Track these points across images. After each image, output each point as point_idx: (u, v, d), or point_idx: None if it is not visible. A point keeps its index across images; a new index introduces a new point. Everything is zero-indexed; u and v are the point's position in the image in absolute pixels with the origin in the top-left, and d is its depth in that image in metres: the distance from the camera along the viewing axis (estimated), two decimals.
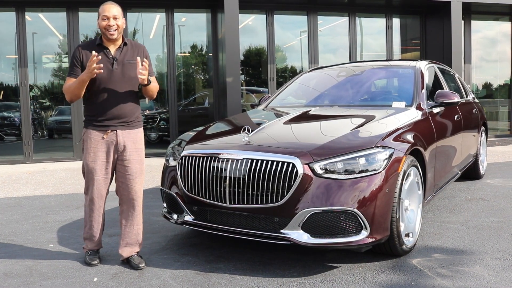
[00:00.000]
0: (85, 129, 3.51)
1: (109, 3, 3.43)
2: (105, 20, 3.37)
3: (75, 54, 3.42)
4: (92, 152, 3.45)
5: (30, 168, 8.98)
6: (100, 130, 3.44)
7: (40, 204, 5.77)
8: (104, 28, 3.38)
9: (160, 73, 11.67)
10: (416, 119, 4.14)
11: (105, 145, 3.46)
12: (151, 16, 11.13)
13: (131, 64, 3.44)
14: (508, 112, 13.25)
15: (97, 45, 3.44)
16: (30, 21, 10.00)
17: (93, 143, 3.45)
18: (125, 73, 3.44)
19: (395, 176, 3.36)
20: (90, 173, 3.48)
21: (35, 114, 11.68)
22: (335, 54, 12.40)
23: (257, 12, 11.38)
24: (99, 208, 3.57)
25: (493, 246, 3.79)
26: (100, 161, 3.47)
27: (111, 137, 3.45)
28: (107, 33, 3.38)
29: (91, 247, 3.65)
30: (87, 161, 3.48)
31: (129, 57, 3.46)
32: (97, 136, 3.44)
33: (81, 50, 3.42)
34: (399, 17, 12.43)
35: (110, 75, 3.39)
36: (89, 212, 3.59)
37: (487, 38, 13.53)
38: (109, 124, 3.43)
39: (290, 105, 5.21)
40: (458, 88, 6.26)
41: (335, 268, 3.40)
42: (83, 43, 3.47)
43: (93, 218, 3.59)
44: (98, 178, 3.48)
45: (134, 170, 3.52)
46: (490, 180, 6.57)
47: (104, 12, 3.38)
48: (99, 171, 3.48)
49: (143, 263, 3.52)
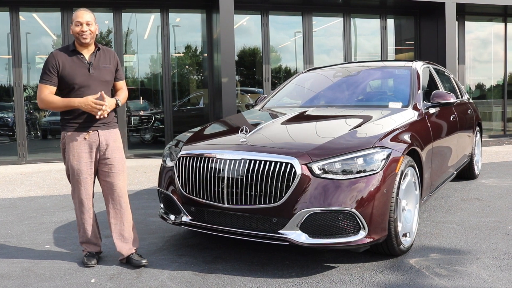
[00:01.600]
0: (64, 132, 3.53)
1: (83, 10, 3.55)
2: (78, 26, 3.48)
3: (50, 61, 3.47)
4: (76, 154, 3.49)
5: (25, 169, 8.94)
6: (81, 131, 3.49)
7: (35, 205, 5.74)
8: (77, 33, 3.48)
9: (155, 74, 11.65)
10: (413, 120, 4.16)
11: (88, 146, 3.51)
12: (146, 16, 11.10)
13: (106, 69, 3.60)
14: (502, 112, 13.33)
15: (71, 50, 3.53)
16: (23, 21, 9.95)
17: (76, 144, 3.49)
18: (101, 77, 3.56)
19: (393, 176, 3.37)
20: (77, 175, 3.51)
21: (29, 114, 11.60)
22: (329, 55, 12.42)
23: (252, 12, 11.38)
24: (89, 210, 3.60)
25: (490, 246, 3.81)
26: (84, 161, 3.50)
27: (93, 137, 3.51)
28: (80, 37, 3.49)
29: (91, 250, 3.65)
30: (72, 163, 3.50)
31: (103, 62, 3.60)
32: (79, 138, 3.49)
33: (57, 57, 3.48)
34: (393, 18, 12.47)
35: (88, 79, 3.49)
36: (80, 215, 3.61)
37: (480, 39, 13.61)
38: (90, 125, 3.51)
39: (287, 106, 5.21)
40: (453, 89, 6.29)
41: (333, 268, 3.40)
42: (56, 51, 3.54)
43: (85, 220, 3.60)
44: (84, 178, 3.52)
45: (117, 168, 3.58)
46: (485, 180, 6.61)
47: (77, 18, 3.49)
48: (85, 171, 3.51)
49: (145, 259, 3.55)
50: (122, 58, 10.27)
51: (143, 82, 12.10)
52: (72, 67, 3.47)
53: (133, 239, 3.64)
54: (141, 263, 3.52)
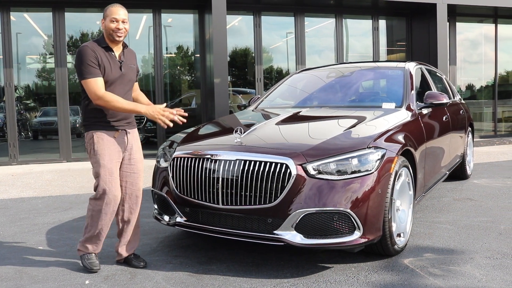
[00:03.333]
0: (93, 132, 3.41)
1: (119, 6, 3.43)
2: (114, 22, 3.37)
3: (89, 53, 3.31)
4: (108, 153, 3.39)
5: (16, 170, 8.87)
6: (110, 130, 3.43)
7: (27, 206, 5.70)
8: (112, 30, 3.37)
9: (146, 74, 11.60)
10: (406, 120, 4.17)
11: (117, 145, 3.45)
12: (137, 16, 11.05)
13: (132, 68, 3.55)
14: (492, 113, 13.43)
15: (104, 46, 3.42)
16: (14, 21, 9.87)
17: (106, 143, 3.40)
18: (129, 75, 3.52)
19: (387, 177, 3.38)
20: (109, 174, 3.37)
21: (19, 115, 11.52)
22: (321, 56, 12.44)
23: (244, 13, 11.37)
24: (113, 212, 3.44)
25: (483, 246, 3.83)
26: (115, 160, 3.43)
27: (121, 136, 3.48)
28: (114, 35, 3.39)
29: (91, 250, 3.50)
30: (104, 161, 3.37)
31: (129, 61, 3.55)
32: (109, 137, 3.42)
33: (94, 49, 3.35)
34: (385, 19, 12.52)
35: (119, 77, 3.43)
36: (102, 216, 3.40)
37: (471, 40, 13.70)
38: (118, 125, 3.45)
39: (280, 106, 5.21)
40: (445, 89, 6.32)
41: (328, 268, 3.41)
42: (90, 44, 3.39)
43: (105, 222, 3.43)
44: (116, 178, 3.42)
45: (139, 168, 3.58)
46: (476, 180, 6.65)
47: (114, 14, 3.37)
48: (116, 171, 3.43)
49: (145, 261, 3.57)
50: None
51: None
52: (107, 62, 3.37)
53: (137, 240, 3.65)
54: (140, 265, 3.51)
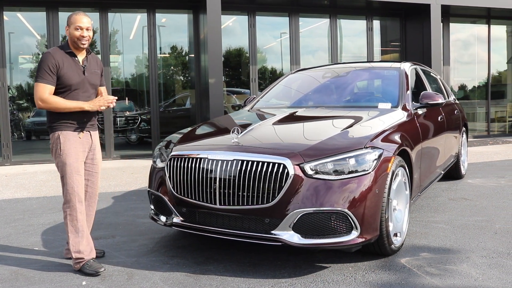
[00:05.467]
0: (58, 132, 3.51)
1: (82, 14, 3.57)
2: (79, 30, 3.50)
3: (49, 60, 3.44)
4: (74, 152, 3.50)
5: (9, 170, 8.81)
6: (76, 131, 3.54)
7: (21, 207, 5.66)
8: (77, 38, 3.51)
9: (140, 74, 11.57)
10: (402, 120, 4.19)
11: (82, 145, 3.57)
12: (131, 16, 11.03)
13: (95, 73, 3.69)
14: (486, 113, 13.50)
15: (68, 52, 3.55)
16: (7, 21, 9.80)
17: (72, 143, 3.51)
18: (92, 80, 3.66)
19: (384, 177, 3.39)
20: (75, 173, 3.49)
21: (12, 115, 11.45)
22: (314, 56, 12.46)
23: (238, 13, 11.36)
24: (84, 209, 3.56)
25: (479, 245, 3.85)
26: (81, 160, 3.55)
27: (86, 137, 3.60)
28: (79, 42, 3.52)
29: (91, 257, 3.48)
30: (70, 161, 3.47)
31: (93, 66, 3.69)
32: (74, 137, 3.53)
33: (56, 56, 3.47)
34: (379, 19, 12.56)
35: (82, 81, 3.57)
36: (80, 217, 3.46)
37: (464, 41, 13.78)
38: (83, 126, 3.58)
39: (276, 106, 5.21)
40: (439, 89, 6.35)
41: (325, 268, 3.41)
42: (53, 50, 3.52)
43: (84, 223, 3.51)
44: (82, 177, 3.55)
45: (99, 168, 3.75)
46: (471, 180, 6.69)
47: (78, 22, 3.50)
48: (82, 170, 3.56)
49: (103, 251, 3.84)
50: (108, 59, 10.17)
51: (128, 82, 12.02)
52: (70, 68, 3.50)
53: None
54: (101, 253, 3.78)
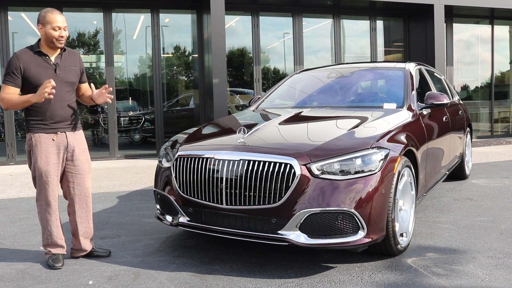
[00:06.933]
0: (31, 134, 3.53)
1: (57, 13, 3.54)
2: (57, 30, 3.48)
3: (14, 63, 3.44)
4: (44, 155, 3.50)
5: (14, 170, 8.84)
6: (49, 133, 3.52)
7: (26, 206, 5.68)
8: (56, 38, 3.49)
9: (143, 74, 11.58)
10: (408, 120, 4.19)
11: (56, 147, 3.54)
12: (135, 16, 11.03)
13: (72, 70, 3.63)
14: (489, 113, 13.48)
15: (36, 51, 3.52)
16: (11, 21, 9.82)
17: (44, 146, 3.50)
18: (67, 78, 3.59)
19: (391, 177, 3.39)
20: (45, 176, 3.51)
21: (16, 115, 11.47)
22: (318, 56, 12.45)
23: (241, 13, 11.36)
24: (56, 211, 3.61)
25: (484, 245, 3.85)
26: (52, 163, 3.53)
27: (60, 138, 3.56)
28: (57, 42, 3.51)
29: (56, 252, 3.62)
30: (40, 164, 3.50)
31: (68, 63, 3.62)
32: (46, 139, 3.51)
33: (21, 58, 3.46)
34: (382, 20, 12.55)
35: (54, 81, 3.45)
36: (48, 217, 3.58)
37: (468, 41, 13.76)
38: (57, 126, 3.55)
39: (281, 107, 5.21)
40: (444, 90, 6.35)
41: (332, 268, 3.41)
42: (20, 51, 3.51)
43: (52, 222, 3.59)
44: (52, 180, 3.54)
45: (84, 169, 3.68)
46: (475, 180, 6.68)
47: (56, 22, 3.48)
48: (53, 173, 3.54)
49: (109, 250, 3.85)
50: (112, 59, 10.18)
51: (132, 82, 12.03)
52: (38, 68, 3.47)
53: (92, 236, 3.80)
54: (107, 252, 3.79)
